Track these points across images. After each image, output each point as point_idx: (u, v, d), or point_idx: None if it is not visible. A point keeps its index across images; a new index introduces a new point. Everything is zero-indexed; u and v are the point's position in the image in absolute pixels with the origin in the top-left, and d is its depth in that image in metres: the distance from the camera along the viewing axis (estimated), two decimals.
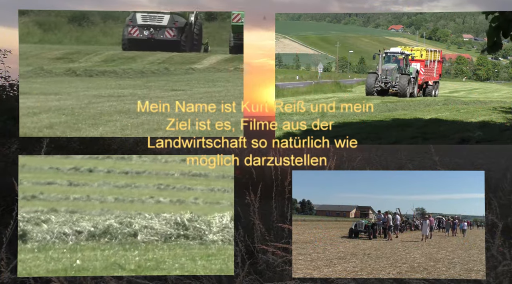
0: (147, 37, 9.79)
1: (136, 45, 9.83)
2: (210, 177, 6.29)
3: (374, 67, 11.01)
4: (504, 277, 4.51)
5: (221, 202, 5.29)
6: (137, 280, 4.57)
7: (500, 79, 10.96)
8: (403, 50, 10.98)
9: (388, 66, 10.68)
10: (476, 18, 12.59)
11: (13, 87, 8.13)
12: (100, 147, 8.07)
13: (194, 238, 4.85)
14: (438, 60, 11.02)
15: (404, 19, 13.10)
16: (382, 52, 11.16)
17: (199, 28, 10.54)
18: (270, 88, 5.75)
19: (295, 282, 4.51)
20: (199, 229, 4.91)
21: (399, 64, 10.80)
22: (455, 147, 11.70)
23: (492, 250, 4.73)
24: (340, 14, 10.79)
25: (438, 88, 10.96)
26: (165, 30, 9.85)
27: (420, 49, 10.95)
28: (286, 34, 13.59)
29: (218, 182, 5.98)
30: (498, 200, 6.16)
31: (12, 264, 4.51)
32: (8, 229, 4.66)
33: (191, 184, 6.19)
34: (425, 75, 10.76)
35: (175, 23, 9.97)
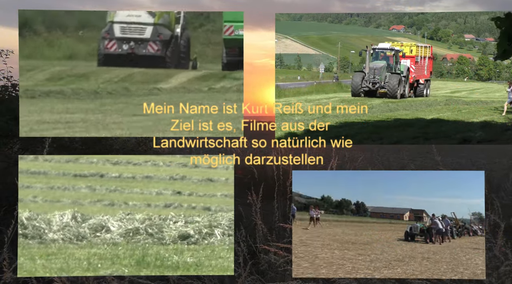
0: (127, 52, 8.64)
1: (114, 61, 8.57)
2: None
3: (361, 65, 10.15)
4: (507, 277, 4.51)
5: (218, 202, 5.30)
6: (139, 280, 4.57)
7: (502, 79, 10.94)
8: (393, 46, 10.24)
9: (376, 64, 9.91)
10: (477, 18, 12.58)
11: (15, 87, 8.14)
12: (102, 147, 8.07)
13: (33, 237, 4.81)
14: (429, 57, 10.43)
15: (406, 19, 13.08)
16: (369, 48, 10.32)
17: (186, 41, 9.28)
18: (271, 88, 5.76)
19: (296, 282, 4.51)
20: (39, 228, 4.87)
21: (389, 62, 10.01)
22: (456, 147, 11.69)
23: (495, 251, 4.73)
24: (341, 14, 10.65)
25: (430, 87, 10.27)
26: (147, 43, 8.74)
27: (410, 44, 10.35)
28: (288, 34, 13.58)
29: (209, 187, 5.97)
30: (500, 200, 6.16)
31: (14, 264, 4.51)
32: (10, 229, 4.67)
33: None
34: (416, 73, 10.02)
35: (159, 36, 8.85)
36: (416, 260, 4.69)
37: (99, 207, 5.62)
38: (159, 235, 4.93)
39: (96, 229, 4.97)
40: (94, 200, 5.79)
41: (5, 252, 4.61)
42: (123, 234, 4.91)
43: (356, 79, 9.56)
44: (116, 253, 4.67)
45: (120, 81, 7.90)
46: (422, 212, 5.16)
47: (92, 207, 5.61)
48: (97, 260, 4.57)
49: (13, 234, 4.68)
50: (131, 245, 4.81)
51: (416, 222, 5.24)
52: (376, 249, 4.91)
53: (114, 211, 5.34)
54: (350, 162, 7.82)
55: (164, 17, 8.94)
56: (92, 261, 4.56)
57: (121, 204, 5.74)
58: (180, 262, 4.58)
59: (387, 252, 4.88)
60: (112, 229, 4.97)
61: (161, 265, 4.55)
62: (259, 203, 5.34)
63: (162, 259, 4.61)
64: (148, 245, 4.82)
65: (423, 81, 10.05)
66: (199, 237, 4.92)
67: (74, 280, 4.63)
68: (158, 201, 5.87)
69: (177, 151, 5.56)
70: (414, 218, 5.29)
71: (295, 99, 8.33)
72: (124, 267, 4.50)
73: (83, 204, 5.66)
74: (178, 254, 4.69)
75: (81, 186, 6.07)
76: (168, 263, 4.56)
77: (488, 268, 4.53)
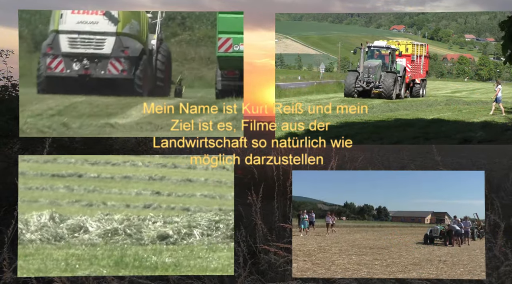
0: (79, 73, 6.44)
1: (61, 86, 6.44)
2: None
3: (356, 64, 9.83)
4: (507, 277, 4.50)
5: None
6: (139, 280, 4.57)
7: (502, 79, 10.93)
8: (389, 44, 9.94)
9: (371, 62, 9.59)
10: (478, 18, 12.57)
11: (15, 87, 8.13)
12: (102, 147, 8.06)
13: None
14: (425, 55, 10.20)
15: (406, 19, 13.08)
16: (364, 46, 10.01)
17: (165, 56, 6.85)
18: (271, 88, 5.76)
19: (297, 282, 4.51)
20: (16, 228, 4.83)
21: (384, 61, 9.70)
22: (457, 147, 11.67)
23: (495, 251, 4.72)
24: (342, 14, 10.60)
25: (426, 86, 10.01)
26: (108, 61, 6.42)
27: (406, 42, 10.10)
28: (288, 34, 13.59)
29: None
30: (500, 200, 6.16)
31: (14, 264, 4.51)
32: (10, 229, 4.67)
33: None
34: (412, 73, 9.76)
35: (124, 51, 6.46)
36: (432, 264, 4.64)
37: (77, 208, 5.55)
38: (138, 235, 4.90)
39: (74, 229, 4.92)
40: (72, 200, 5.73)
41: (5, 252, 4.61)
42: (101, 235, 4.88)
43: (349, 79, 9.18)
44: (94, 254, 4.64)
45: (56, 115, 5.91)
46: (444, 214, 5.12)
47: (70, 207, 5.55)
48: (75, 261, 4.54)
49: (13, 234, 4.68)
50: (109, 245, 4.78)
51: (437, 224, 5.20)
52: (393, 253, 4.88)
53: (92, 212, 5.27)
54: (350, 162, 7.81)
55: (132, 23, 6.69)
56: (70, 261, 4.52)
57: (100, 204, 5.70)
58: (158, 263, 4.56)
59: (404, 256, 4.85)
60: (90, 229, 4.93)
61: (140, 266, 4.53)
62: (259, 203, 5.34)
63: (141, 260, 4.59)
64: (127, 245, 4.81)
65: (419, 81, 9.83)
66: (178, 237, 4.90)
67: (74, 280, 4.63)
68: (137, 201, 5.81)
69: (177, 151, 5.54)
70: (436, 221, 5.24)
71: (296, 99, 8.33)
72: (103, 267, 4.47)
73: (61, 204, 5.61)
74: (156, 254, 4.68)
75: (59, 186, 6.01)
76: (146, 264, 4.55)
77: (488, 268, 4.52)
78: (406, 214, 5.39)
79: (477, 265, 4.54)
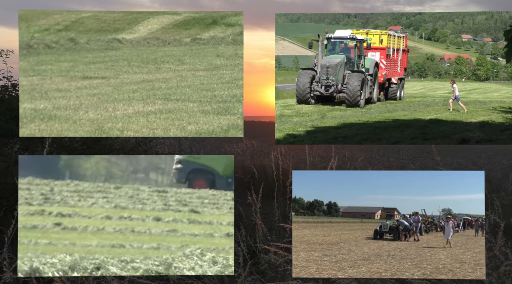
0: None
1: None
2: None
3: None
4: (507, 277, 4.52)
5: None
6: (139, 280, 4.57)
7: (500, 79, 10.96)
8: (354, 34, 7.64)
9: (330, 60, 7.34)
10: (475, 18, 12.61)
11: (16, 87, 8.12)
12: (102, 147, 8.07)
13: None
14: (403, 49, 8.31)
15: (403, 19, 13.09)
16: (323, 38, 7.85)
17: None
18: (270, 88, 5.77)
19: (297, 282, 4.52)
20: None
21: (349, 55, 7.48)
22: (455, 147, 11.70)
23: (495, 251, 4.75)
24: (339, 15, 10.50)
25: (404, 87, 7.97)
26: None
27: (380, 32, 7.89)
28: (285, 36, 13.59)
29: None
30: (500, 200, 6.19)
31: (14, 264, 4.51)
32: (10, 229, 4.67)
33: None
34: (387, 70, 7.67)
35: None
36: (381, 258, 4.70)
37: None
38: None
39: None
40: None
41: (5, 252, 4.61)
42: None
43: (302, 80, 7.04)
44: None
45: (64, 30, 5.82)
46: (393, 210, 5.19)
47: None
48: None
49: (13, 234, 4.68)
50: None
51: (387, 220, 5.27)
52: (343, 248, 4.93)
53: None
54: (350, 162, 7.83)
55: None
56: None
57: None
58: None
59: (354, 252, 4.89)
60: None
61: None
62: (259, 203, 5.35)
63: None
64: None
65: (396, 81, 7.81)
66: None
67: (74, 280, 4.63)
68: None
69: (177, 151, 5.55)
70: (386, 216, 5.32)
71: (294, 101, 8.35)
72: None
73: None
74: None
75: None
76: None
77: (488, 268, 4.54)
78: (357, 209, 5.41)
79: (423, 259, 4.64)
